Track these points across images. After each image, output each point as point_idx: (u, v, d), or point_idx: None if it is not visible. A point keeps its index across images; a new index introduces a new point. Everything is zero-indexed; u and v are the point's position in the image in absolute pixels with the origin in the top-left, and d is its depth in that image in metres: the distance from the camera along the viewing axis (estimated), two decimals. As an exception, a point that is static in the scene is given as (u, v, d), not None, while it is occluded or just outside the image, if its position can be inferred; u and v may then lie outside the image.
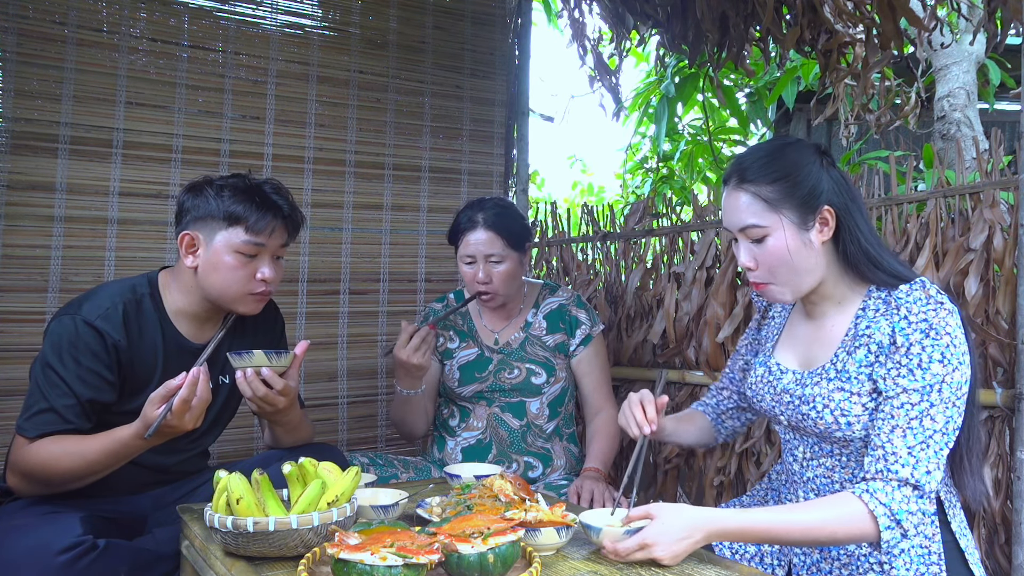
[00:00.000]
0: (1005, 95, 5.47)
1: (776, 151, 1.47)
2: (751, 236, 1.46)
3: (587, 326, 2.33)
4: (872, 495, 1.32)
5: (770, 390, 1.57)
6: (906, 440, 1.33)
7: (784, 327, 1.66)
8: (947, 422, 1.34)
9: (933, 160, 3.09)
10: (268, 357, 1.68)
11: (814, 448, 1.52)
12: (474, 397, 2.29)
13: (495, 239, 2.19)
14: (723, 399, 1.81)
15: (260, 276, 1.77)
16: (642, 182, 6.30)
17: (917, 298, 1.39)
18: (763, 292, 1.50)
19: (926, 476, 1.32)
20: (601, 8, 3.17)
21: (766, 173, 1.44)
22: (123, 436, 1.59)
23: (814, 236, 1.44)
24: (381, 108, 2.91)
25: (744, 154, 1.51)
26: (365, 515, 1.56)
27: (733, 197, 1.47)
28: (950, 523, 1.46)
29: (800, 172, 1.43)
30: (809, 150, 1.47)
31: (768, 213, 1.43)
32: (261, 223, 1.74)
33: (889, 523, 1.30)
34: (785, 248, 1.43)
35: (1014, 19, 2.23)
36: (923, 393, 1.34)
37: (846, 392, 1.43)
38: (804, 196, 1.43)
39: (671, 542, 1.31)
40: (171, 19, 2.55)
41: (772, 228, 1.43)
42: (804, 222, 1.43)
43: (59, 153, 2.39)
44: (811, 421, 1.47)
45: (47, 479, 1.62)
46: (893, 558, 1.41)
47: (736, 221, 1.47)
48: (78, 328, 1.66)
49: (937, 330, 1.35)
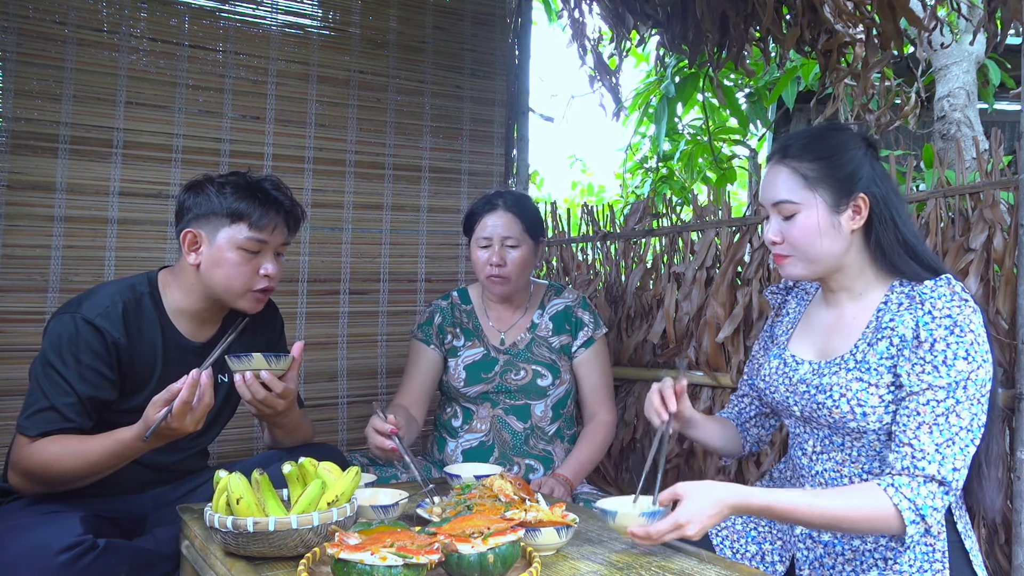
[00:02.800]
0: (1005, 95, 5.47)
1: (823, 132, 1.50)
2: (783, 212, 1.48)
3: (590, 328, 2.32)
4: (898, 490, 1.32)
5: (785, 381, 1.57)
6: (933, 437, 1.33)
7: (800, 319, 1.66)
8: (972, 419, 1.34)
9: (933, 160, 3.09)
10: (267, 360, 1.68)
11: (824, 442, 1.52)
12: (479, 397, 2.29)
13: (513, 222, 2.20)
14: (744, 407, 1.79)
15: (263, 272, 1.78)
16: (642, 182, 6.30)
17: (942, 294, 1.39)
18: (781, 265, 1.52)
19: (952, 473, 1.32)
20: (601, 8, 3.17)
21: (809, 151, 1.47)
22: (124, 437, 1.59)
23: (845, 220, 1.45)
24: (381, 108, 2.91)
25: (793, 132, 1.55)
26: (365, 515, 1.56)
27: (773, 172, 1.50)
28: (956, 523, 1.46)
29: (842, 155, 1.46)
30: (856, 138, 1.49)
31: (803, 190, 1.46)
32: (264, 220, 1.75)
33: (914, 518, 1.31)
34: (815, 226, 1.45)
35: (1014, 19, 2.23)
36: (948, 390, 1.34)
37: (864, 383, 1.43)
38: (842, 178, 1.45)
39: (704, 519, 1.32)
40: (171, 19, 2.56)
41: (804, 205, 1.45)
42: (837, 204, 1.45)
43: (59, 153, 2.39)
44: (826, 410, 1.46)
45: (48, 479, 1.63)
46: (898, 554, 1.42)
47: (771, 195, 1.49)
48: (78, 326, 1.66)
49: (962, 327, 1.35)
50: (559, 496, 2.05)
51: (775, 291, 1.77)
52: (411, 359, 2.33)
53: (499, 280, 2.21)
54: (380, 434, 1.84)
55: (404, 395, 2.27)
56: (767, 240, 1.52)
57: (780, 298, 1.75)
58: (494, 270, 2.20)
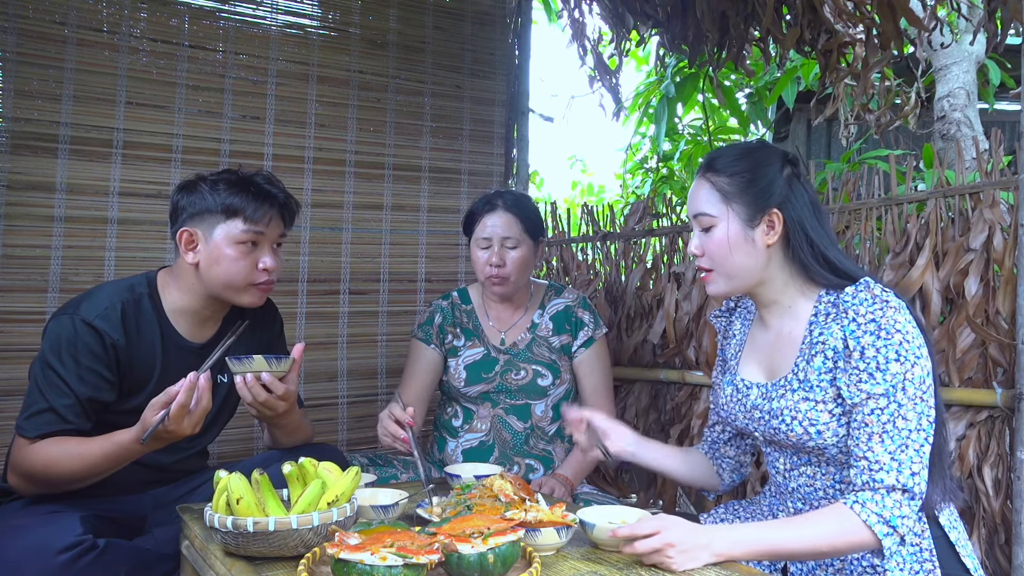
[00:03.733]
0: (1005, 95, 5.47)
1: (745, 149, 1.54)
2: (702, 224, 1.53)
3: (590, 328, 2.32)
4: (863, 506, 1.33)
5: (740, 408, 1.59)
6: (885, 446, 1.34)
7: (746, 340, 1.67)
8: (919, 418, 1.35)
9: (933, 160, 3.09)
10: (268, 362, 1.68)
11: (792, 459, 1.53)
12: (479, 397, 2.29)
13: (513, 222, 2.20)
14: (717, 435, 1.78)
15: (262, 266, 1.78)
16: (642, 182, 6.29)
17: (863, 299, 1.40)
18: (705, 283, 1.57)
19: (912, 479, 1.33)
20: (601, 8, 3.17)
21: (728, 167, 1.52)
22: (122, 440, 1.59)
23: (759, 235, 1.49)
24: (381, 108, 2.91)
25: (720, 148, 1.60)
26: (365, 515, 1.56)
27: (697, 185, 1.56)
28: (938, 517, 1.47)
29: (758, 172, 1.50)
30: (776, 155, 1.53)
31: (719, 204, 1.51)
32: (259, 213, 1.76)
33: (887, 531, 1.32)
34: (726, 240, 1.49)
35: (1014, 19, 2.23)
36: (888, 396, 1.35)
37: (811, 401, 1.44)
38: (755, 194, 1.49)
39: (690, 548, 1.31)
40: (171, 19, 2.56)
41: (719, 219, 1.50)
42: (751, 219, 1.49)
43: (59, 153, 2.39)
44: (783, 435, 1.48)
45: (48, 480, 1.63)
46: (886, 560, 1.41)
47: (693, 208, 1.55)
48: (76, 327, 1.66)
49: (887, 329, 1.37)
50: (559, 496, 2.05)
51: (719, 314, 1.78)
52: (411, 359, 2.33)
53: (498, 280, 2.21)
54: (396, 422, 1.85)
55: (405, 395, 2.27)
56: (690, 252, 1.58)
57: (725, 321, 1.77)
58: (494, 270, 2.20)
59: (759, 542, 1.34)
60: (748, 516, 1.69)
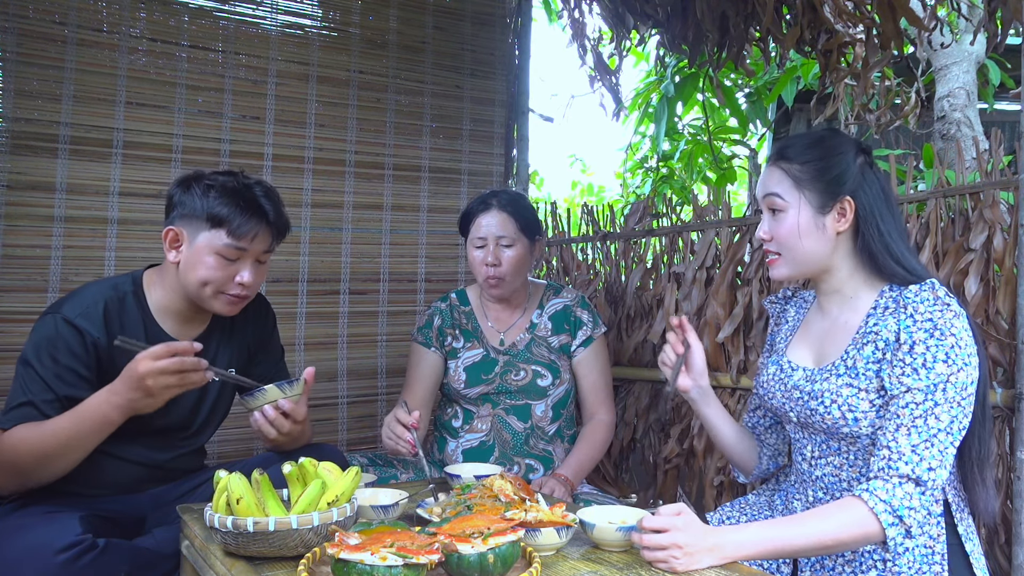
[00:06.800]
0: (1005, 95, 5.47)
1: (817, 137, 1.55)
2: (771, 206, 1.54)
3: (589, 327, 2.32)
4: (872, 493, 1.32)
5: (781, 387, 1.59)
6: (910, 438, 1.34)
7: (799, 327, 1.67)
8: (951, 421, 1.35)
9: (933, 160, 3.09)
10: (281, 389, 1.69)
11: (822, 447, 1.53)
12: (479, 398, 2.29)
13: (508, 221, 2.20)
14: (757, 419, 1.79)
15: (239, 280, 1.74)
16: (642, 182, 6.29)
17: (924, 298, 1.40)
18: (771, 267, 1.57)
19: (928, 472, 1.32)
20: (601, 8, 3.17)
21: (800, 154, 1.52)
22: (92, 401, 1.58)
23: (829, 223, 1.50)
24: (381, 108, 2.91)
25: (791, 136, 1.61)
26: (365, 515, 1.56)
27: (768, 172, 1.56)
28: (957, 526, 1.46)
29: (831, 159, 1.50)
30: (849, 143, 1.53)
31: (791, 190, 1.51)
32: (244, 228, 1.72)
33: (892, 520, 1.31)
34: (796, 225, 1.50)
35: (1014, 19, 2.23)
36: (927, 392, 1.35)
37: (854, 388, 1.44)
38: (828, 182, 1.49)
39: (695, 552, 1.31)
40: (171, 19, 2.56)
41: (791, 204, 1.51)
42: (822, 206, 1.49)
43: (59, 153, 2.39)
44: (819, 416, 1.48)
45: (17, 462, 1.59)
46: (896, 556, 1.42)
47: (763, 188, 1.56)
48: (58, 326, 1.67)
49: (942, 330, 1.36)
50: (559, 496, 2.05)
51: (774, 300, 1.79)
52: (412, 363, 2.32)
53: (495, 283, 2.21)
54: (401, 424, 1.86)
55: (409, 399, 2.26)
56: (758, 237, 1.58)
57: (779, 307, 1.77)
58: (490, 270, 2.20)
59: (766, 541, 1.34)
60: (755, 514, 1.69)
